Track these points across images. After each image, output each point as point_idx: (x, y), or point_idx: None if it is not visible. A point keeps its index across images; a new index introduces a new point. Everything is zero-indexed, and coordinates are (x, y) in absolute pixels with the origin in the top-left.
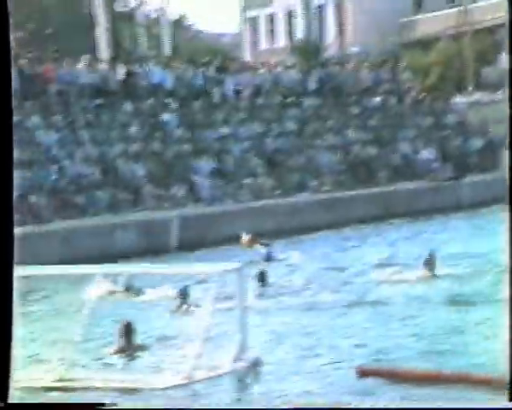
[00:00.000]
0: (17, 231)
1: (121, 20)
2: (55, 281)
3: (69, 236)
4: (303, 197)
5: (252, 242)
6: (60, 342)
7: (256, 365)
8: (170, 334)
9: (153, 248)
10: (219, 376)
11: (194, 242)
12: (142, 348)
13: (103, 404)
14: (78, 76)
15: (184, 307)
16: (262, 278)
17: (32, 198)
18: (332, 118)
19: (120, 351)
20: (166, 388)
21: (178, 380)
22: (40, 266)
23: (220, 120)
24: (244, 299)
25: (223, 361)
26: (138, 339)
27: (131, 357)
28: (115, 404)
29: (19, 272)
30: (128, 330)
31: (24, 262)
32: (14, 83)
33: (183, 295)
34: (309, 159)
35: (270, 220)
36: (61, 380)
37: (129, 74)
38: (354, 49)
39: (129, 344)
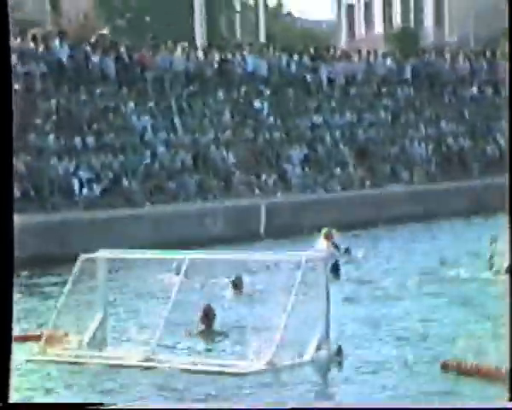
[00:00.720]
0: (110, 213)
1: (218, 7)
2: (138, 265)
3: (160, 220)
4: (394, 188)
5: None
6: (143, 325)
7: (338, 354)
8: (235, 321)
9: (241, 234)
10: (302, 363)
11: (282, 230)
12: (222, 333)
13: (102, 404)
14: (174, 63)
15: (237, 295)
16: (335, 269)
17: (125, 182)
18: (427, 108)
19: (201, 335)
20: (249, 373)
21: (261, 366)
22: (121, 250)
23: (313, 109)
24: (327, 288)
25: (305, 349)
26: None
27: (212, 341)
28: (115, 404)
29: (105, 254)
30: (209, 315)
31: (116, 245)
32: (111, 69)
33: (236, 283)
34: (401, 149)
35: (360, 211)
36: (146, 360)
37: (224, 61)
38: (452, 38)
39: (209, 329)
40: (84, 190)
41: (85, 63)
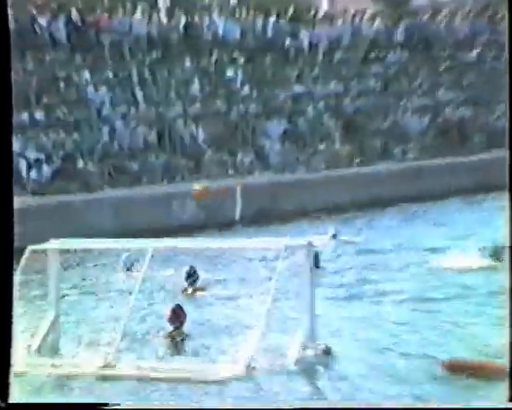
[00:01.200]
0: (64, 198)
1: None
2: (95, 256)
3: (121, 206)
4: (385, 166)
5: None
6: (103, 325)
7: (326, 354)
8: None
9: (214, 221)
10: (284, 366)
11: (260, 215)
12: (189, 336)
13: (107, 404)
14: (135, 26)
15: (190, 290)
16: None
17: (80, 163)
18: (421, 75)
19: (170, 338)
20: (227, 379)
21: (239, 371)
22: (75, 240)
23: (293, 77)
24: (311, 279)
25: (288, 350)
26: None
27: (182, 344)
28: (118, 404)
29: (56, 244)
30: (179, 315)
31: (70, 234)
32: (62, 34)
33: (191, 276)
34: (393, 122)
35: (347, 192)
36: (106, 366)
37: (190, 24)
38: None
39: (179, 330)
40: (33, 173)
41: (32, 27)
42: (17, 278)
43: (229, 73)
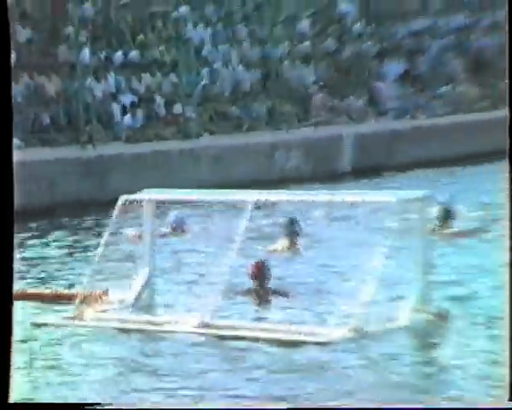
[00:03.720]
0: (157, 146)
1: None
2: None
3: (221, 155)
4: None
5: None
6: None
7: (442, 318)
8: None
9: (321, 172)
10: (396, 329)
11: (372, 166)
12: (281, 292)
13: (99, 403)
14: None
15: (292, 246)
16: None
17: (178, 108)
18: None
19: (251, 294)
20: (333, 341)
21: (344, 333)
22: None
23: (413, 11)
24: (425, 237)
25: (400, 312)
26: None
27: (267, 303)
28: (111, 404)
29: (151, 194)
30: (262, 271)
31: (165, 186)
32: None
33: (290, 229)
34: None
35: (474, 142)
36: (205, 326)
37: None
38: None
39: (262, 287)
40: (126, 118)
41: None
42: (108, 229)
43: (343, 5)
